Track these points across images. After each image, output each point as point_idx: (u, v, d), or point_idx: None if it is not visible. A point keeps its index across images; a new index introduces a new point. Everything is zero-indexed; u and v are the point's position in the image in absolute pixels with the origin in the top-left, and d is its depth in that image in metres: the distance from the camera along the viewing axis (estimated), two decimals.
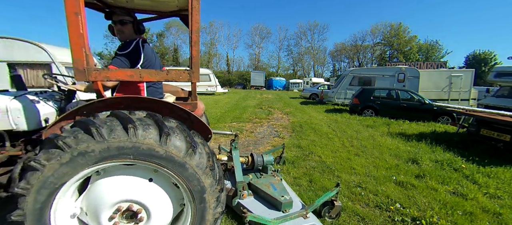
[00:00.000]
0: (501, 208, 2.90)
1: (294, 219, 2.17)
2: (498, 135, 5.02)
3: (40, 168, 1.30)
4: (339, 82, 14.59)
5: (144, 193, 1.54)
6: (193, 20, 1.62)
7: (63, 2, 1.35)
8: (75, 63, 1.45)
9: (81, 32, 1.42)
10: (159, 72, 1.66)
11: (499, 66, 11.78)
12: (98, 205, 1.48)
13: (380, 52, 50.14)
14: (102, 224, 1.49)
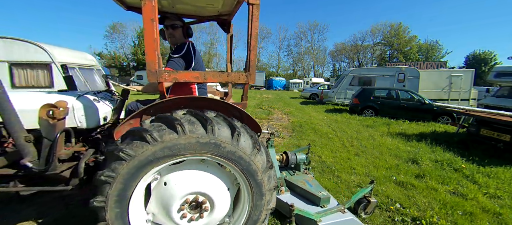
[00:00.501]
0: (501, 208, 2.90)
1: (333, 214, 2.27)
2: (498, 135, 5.02)
3: (127, 158, 1.41)
4: (339, 82, 14.60)
5: (205, 183, 1.66)
6: (252, 27, 1.73)
7: (142, 9, 1.47)
8: (148, 66, 1.58)
9: (155, 37, 1.55)
10: (221, 74, 1.84)
11: (499, 66, 11.77)
12: (169, 199, 1.60)
13: (380, 52, 50.15)
14: (172, 216, 1.62)
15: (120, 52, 47.11)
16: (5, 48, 5.56)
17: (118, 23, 46.46)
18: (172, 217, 1.63)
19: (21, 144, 1.64)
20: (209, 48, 52.94)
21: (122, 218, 1.51)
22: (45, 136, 1.69)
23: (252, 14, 1.72)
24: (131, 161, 1.42)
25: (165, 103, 1.68)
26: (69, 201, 2.86)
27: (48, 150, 1.71)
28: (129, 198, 1.50)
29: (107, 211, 1.46)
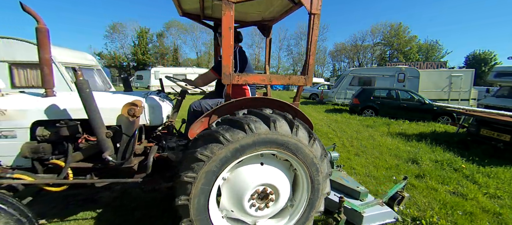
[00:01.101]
0: (501, 208, 2.90)
1: (373, 207, 2.42)
2: (498, 135, 5.02)
3: (206, 160, 1.57)
4: (339, 82, 14.60)
5: (269, 175, 1.83)
6: (312, 34, 1.87)
7: (222, 19, 1.65)
8: (224, 68, 1.74)
9: (231, 43, 1.71)
10: (284, 77, 2.05)
11: (499, 66, 11.78)
12: (241, 191, 1.77)
13: (380, 52, 50.13)
14: (244, 207, 1.78)
15: (120, 52, 47.06)
16: (5, 48, 5.56)
17: (118, 23, 46.43)
18: (244, 208, 1.79)
19: (102, 140, 1.79)
20: (209, 48, 52.90)
21: (204, 214, 1.69)
22: (125, 132, 1.87)
23: (313, 23, 1.86)
24: (209, 162, 1.58)
25: (231, 104, 1.88)
26: (70, 201, 2.86)
27: (125, 145, 1.88)
28: (208, 195, 1.67)
29: (191, 209, 1.63)
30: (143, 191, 2.37)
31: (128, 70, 46.10)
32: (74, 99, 1.94)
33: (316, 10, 1.84)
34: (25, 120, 1.85)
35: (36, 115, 1.86)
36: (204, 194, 1.64)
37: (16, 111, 1.83)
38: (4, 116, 1.80)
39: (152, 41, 47.74)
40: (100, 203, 2.80)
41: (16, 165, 1.91)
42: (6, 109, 1.81)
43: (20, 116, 1.84)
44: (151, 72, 20.46)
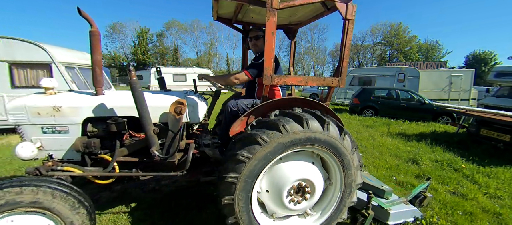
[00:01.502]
0: (501, 208, 2.90)
1: (398, 205, 2.52)
2: (498, 135, 5.02)
3: (246, 161, 1.68)
4: None
5: (307, 172, 1.96)
6: (346, 39, 1.98)
7: (266, 24, 1.76)
8: (266, 71, 1.86)
9: (272, 47, 1.82)
10: (319, 78, 2.16)
11: (499, 66, 11.77)
12: (282, 183, 1.89)
13: (380, 52, 50.14)
14: (282, 198, 1.89)
15: (120, 52, 47.05)
16: (5, 48, 5.56)
17: (118, 23, 46.43)
18: (284, 203, 1.91)
19: (150, 135, 1.91)
20: (209, 48, 52.92)
21: (247, 212, 1.82)
22: (171, 129, 2.00)
23: (348, 28, 1.95)
24: (249, 162, 1.69)
25: (269, 104, 2.01)
26: None
27: (171, 141, 2.01)
28: (251, 194, 1.79)
29: (236, 207, 1.75)
30: (142, 191, 2.39)
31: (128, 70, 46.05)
32: (120, 97, 2.12)
33: (351, 16, 1.92)
34: (78, 117, 1.99)
35: (87, 112, 1.99)
36: (247, 193, 1.76)
37: (70, 108, 1.96)
38: (59, 113, 1.93)
39: (152, 41, 47.76)
40: (100, 203, 2.80)
41: (67, 158, 2.06)
42: (61, 106, 1.93)
43: (73, 113, 1.97)
44: (151, 72, 20.42)
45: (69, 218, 1.58)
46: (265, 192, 1.97)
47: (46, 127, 1.96)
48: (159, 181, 2.36)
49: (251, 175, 1.72)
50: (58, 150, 2.03)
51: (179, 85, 20.39)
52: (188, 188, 2.99)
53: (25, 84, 5.78)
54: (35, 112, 1.91)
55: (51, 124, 1.96)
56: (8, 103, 2.06)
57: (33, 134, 1.96)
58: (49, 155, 2.03)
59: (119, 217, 2.49)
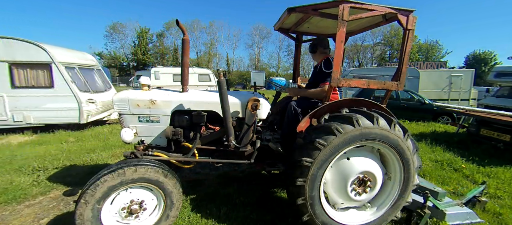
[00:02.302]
0: (501, 208, 2.89)
1: (453, 207, 2.56)
2: (498, 135, 5.02)
3: (321, 148, 1.90)
4: None
5: (369, 166, 2.12)
6: (407, 46, 2.17)
7: (336, 33, 2.01)
8: (334, 74, 2.07)
9: (341, 53, 2.06)
10: (380, 82, 2.32)
11: (499, 66, 11.77)
12: (347, 174, 2.09)
13: (380, 52, 50.11)
14: (347, 188, 2.08)
15: (120, 52, 47.04)
16: (5, 48, 5.56)
17: (118, 23, 46.38)
18: (347, 192, 2.10)
19: (230, 127, 2.22)
20: (209, 48, 52.92)
21: (316, 196, 2.01)
22: (247, 123, 2.34)
23: (408, 38, 2.14)
24: (324, 149, 1.90)
25: (331, 105, 2.23)
26: (68, 201, 2.86)
27: (245, 133, 2.35)
28: (320, 179, 1.99)
29: (306, 189, 1.96)
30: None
31: (128, 70, 46.10)
32: (202, 95, 2.52)
33: (411, 26, 2.10)
34: (168, 109, 2.38)
35: (176, 106, 2.38)
36: (318, 177, 1.97)
37: (163, 102, 2.36)
38: (154, 105, 2.34)
39: (152, 41, 47.75)
40: None
41: (155, 144, 2.45)
42: (156, 100, 2.33)
43: (165, 106, 2.37)
44: (151, 72, 20.42)
45: (169, 189, 2.01)
46: (330, 181, 2.16)
47: (142, 116, 2.38)
48: None
49: (323, 161, 1.93)
50: (148, 137, 2.43)
51: (179, 85, 20.38)
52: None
53: (25, 84, 5.78)
54: (135, 104, 2.33)
55: (146, 114, 2.37)
56: (115, 94, 2.43)
57: (131, 122, 2.38)
58: (141, 141, 2.43)
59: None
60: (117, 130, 6.51)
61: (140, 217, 2.01)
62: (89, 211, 1.75)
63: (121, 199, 1.92)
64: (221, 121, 2.35)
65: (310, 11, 2.21)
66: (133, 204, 1.96)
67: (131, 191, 1.96)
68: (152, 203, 2.05)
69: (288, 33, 3.18)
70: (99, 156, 4.33)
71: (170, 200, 2.03)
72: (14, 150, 4.66)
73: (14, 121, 5.76)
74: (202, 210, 2.62)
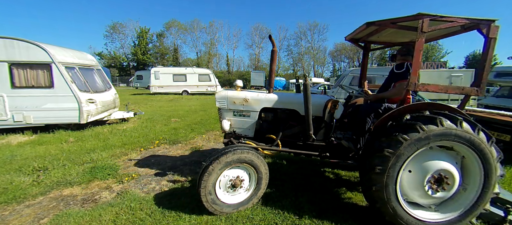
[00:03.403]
0: None
1: None
2: (498, 135, 5.01)
3: (403, 142, 2.04)
4: (339, 82, 14.59)
5: (451, 167, 2.17)
6: (489, 54, 2.21)
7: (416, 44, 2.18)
8: (412, 79, 2.24)
9: (419, 60, 2.21)
10: (458, 87, 2.36)
11: (499, 66, 11.75)
12: (426, 170, 2.17)
13: (380, 52, 50.06)
14: (423, 181, 2.18)
15: (120, 52, 47.04)
16: (5, 48, 5.56)
17: (118, 23, 46.35)
18: (423, 185, 2.18)
19: (310, 123, 2.61)
20: (209, 48, 52.93)
21: (393, 184, 2.12)
22: (326, 120, 2.74)
23: (490, 46, 2.19)
24: (405, 143, 2.03)
25: (409, 106, 2.32)
26: (68, 201, 2.86)
27: (325, 129, 2.79)
28: (398, 171, 2.10)
29: (384, 177, 2.10)
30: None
31: (128, 70, 46.10)
32: (285, 96, 3.00)
33: (493, 35, 2.14)
34: (258, 106, 2.93)
35: (264, 104, 2.92)
36: (396, 169, 2.09)
37: (254, 100, 2.92)
38: (247, 103, 2.92)
39: (152, 41, 47.76)
40: (100, 203, 2.80)
41: (244, 134, 3.06)
42: (249, 98, 2.91)
43: (256, 103, 2.92)
44: (151, 72, 20.43)
45: (260, 168, 2.52)
46: (407, 172, 2.23)
47: (236, 111, 2.98)
48: (160, 181, 2.68)
49: (403, 155, 2.05)
50: (240, 128, 3.03)
51: (179, 85, 20.45)
52: None
53: (25, 84, 5.78)
54: (232, 101, 2.94)
55: (240, 110, 2.96)
56: (217, 92, 3.03)
57: (227, 116, 3.00)
58: (233, 131, 3.03)
59: (119, 217, 2.48)
60: (117, 130, 6.51)
61: (239, 190, 2.59)
62: (211, 181, 2.36)
63: (226, 175, 2.49)
64: (299, 118, 2.87)
65: (389, 25, 2.36)
66: (236, 180, 2.51)
67: (233, 170, 2.51)
68: (247, 179, 2.61)
69: (358, 43, 3.36)
70: (99, 156, 4.33)
71: (260, 177, 2.56)
72: (14, 150, 4.66)
73: (14, 121, 5.76)
74: (203, 210, 2.62)
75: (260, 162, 2.51)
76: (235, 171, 2.53)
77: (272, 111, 2.96)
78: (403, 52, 2.91)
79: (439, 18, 2.10)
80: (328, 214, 2.58)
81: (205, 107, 11.96)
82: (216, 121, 8.00)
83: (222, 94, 2.96)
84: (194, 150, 4.89)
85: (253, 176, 2.59)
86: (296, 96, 2.97)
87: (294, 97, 2.96)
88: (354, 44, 3.43)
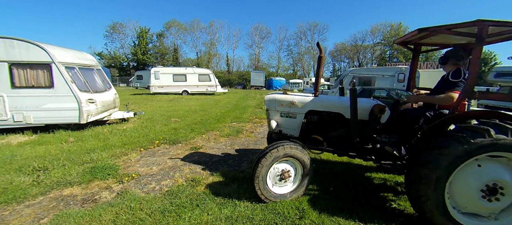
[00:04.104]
0: None
1: None
2: None
3: (452, 151, 2.01)
4: (339, 82, 14.59)
5: (506, 174, 2.09)
6: None
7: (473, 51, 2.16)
8: (469, 87, 2.21)
9: (477, 69, 2.17)
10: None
11: (499, 66, 11.77)
12: (477, 179, 2.11)
13: (380, 52, 50.12)
14: (476, 191, 2.10)
15: (120, 52, 47.05)
16: (5, 48, 5.56)
17: (118, 23, 46.41)
18: (476, 192, 2.11)
19: (356, 127, 2.70)
20: (209, 48, 52.93)
21: (441, 194, 2.09)
22: (372, 124, 2.77)
23: None
24: (455, 152, 2.00)
25: (461, 114, 2.29)
26: (68, 201, 2.86)
27: (370, 132, 2.80)
28: (446, 180, 2.08)
29: (433, 175, 2.08)
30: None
31: (128, 70, 46.10)
32: (330, 100, 3.11)
33: None
34: (304, 109, 3.10)
35: (310, 106, 3.07)
36: (443, 178, 2.07)
37: (301, 103, 3.09)
38: (293, 105, 3.11)
39: (152, 41, 47.79)
40: (100, 203, 2.80)
41: (290, 134, 3.21)
42: (295, 101, 3.10)
43: (302, 106, 3.09)
44: (151, 72, 20.43)
45: (306, 163, 2.70)
46: (457, 185, 2.17)
47: (283, 113, 3.18)
48: (160, 181, 2.60)
49: (451, 165, 2.03)
50: (286, 128, 3.22)
51: (179, 85, 20.45)
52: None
53: (25, 84, 5.78)
54: (280, 103, 3.16)
55: (287, 111, 3.16)
56: (266, 95, 3.27)
57: (274, 116, 3.22)
58: (279, 130, 3.22)
59: (119, 217, 2.48)
60: (117, 130, 6.51)
61: (286, 182, 2.79)
62: (263, 171, 2.63)
63: (276, 168, 2.72)
64: (344, 121, 2.97)
65: (444, 31, 2.31)
66: (284, 172, 2.73)
67: (281, 164, 2.74)
68: (293, 172, 2.80)
69: (407, 46, 3.32)
70: (99, 156, 4.33)
71: (306, 171, 2.73)
72: (14, 150, 4.66)
73: (14, 121, 5.76)
74: (203, 210, 2.62)
75: (306, 158, 2.69)
76: (283, 165, 2.75)
77: (318, 114, 3.12)
78: (458, 57, 2.73)
79: (501, 24, 2.02)
80: (328, 214, 2.58)
81: (205, 107, 11.96)
82: (216, 121, 8.01)
83: (271, 97, 3.21)
84: (194, 150, 4.89)
85: (299, 171, 2.78)
86: (342, 99, 3.07)
87: (339, 101, 3.04)
88: (402, 47, 3.37)
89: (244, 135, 6.27)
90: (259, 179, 2.63)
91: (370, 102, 2.97)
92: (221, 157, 4.50)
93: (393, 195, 3.08)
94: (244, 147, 5.27)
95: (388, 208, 2.78)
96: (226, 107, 12.38)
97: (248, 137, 6.16)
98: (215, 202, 2.78)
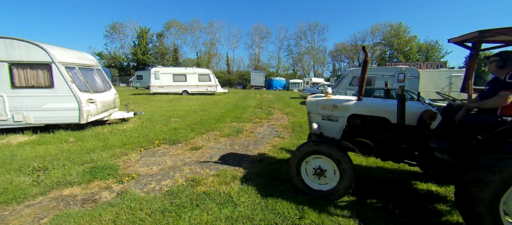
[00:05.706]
0: None
1: None
2: None
3: None
4: (339, 82, 14.58)
5: None
6: None
7: None
8: None
9: None
10: None
11: None
12: None
13: (380, 52, 50.09)
14: None
15: (120, 52, 47.05)
16: (5, 48, 5.56)
17: (118, 22, 46.40)
18: None
19: (402, 132, 2.56)
20: (209, 48, 52.92)
21: (497, 206, 1.99)
22: (421, 130, 2.58)
23: None
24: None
25: None
26: (68, 201, 2.86)
27: (418, 139, 2.61)
28: (504, 192, 1.97)
29: (496, 178, 1.97)
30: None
31: (128, 70, 46.10)
32: (374, 103, 2.97)
33: None
34: (347, 113, 3.00)
35: (353, 110, 2.96)
36: (502, 182, 1.97)
37: (343, 107, 3.01)
38: (336, 109, 3.05)
39: (152, 41, 47.77)
40: (100, 203, 2.80)
41: (331, 137, 3.17)
42: (338, 105, 3.02)
43: (345, 110, 3.01)
44: (151, 72, 20.43)
45: (343, 164, 2.70)
46: None
47: (325, 116, 3.17)
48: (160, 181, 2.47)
49: None
50: (327, 131, 3.18)
51: (179, 85, 20.45)
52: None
53: (25, 84, 5.78)
54: (321, 107, 3.14)
55: (328, 115, 3.14)
56: (308, 98, 3.29)
57: (316, 119, 3.22)
58: (321, 133, 3.18)
59: (119, 217, 2.48)
60: (117, 130, 6.51)
61: (322, 179, 2.88)
62: (295, 163, 2.91)
63: (309, 163, 2.91)
64: (389, 126, 2.82)
65: (510, 33, 2.24)
66: (319, 169, 2.85)
67: (315, 160, 2.87)
68: (331, 171, 2.83)
69: (464, 43, 3.19)
70: (99, 156, 4.33)
71: (342, 171, 2.72)
72: (14, 150, 4.66)
73: (14, 121, 5.76)
74: (203, 210, 2.62)
75: (340, 156, 2.70)
76: (317, 161, 2.86)
77: (361, 118, 3.00)
78: None
79: None
80: (328, 214, 2.57)
81: (205, 107, 11.96)
82: (216, 121, 8.01)
83: (312, 100, 3.21)
84: (194, 150, 4.89)
85: (335, 169, 2.79)
86: (387, 104, 2.91)
87: (385, 105, 2.88)
88: (459, 45, 3.20)
89: (244, 135, 6.27)
90: (291, 169, 2.97)
91: (419, 107, 2.75)
92: (221, 157, 4.51)
93: (393, 195, 3.08)
94: (244, 147, 5.27)
95: (388, 208, 2.78)
96: (226, 107, 12.38)
97: (248, 137, 6.16)
98: (215, 202, 2.78)
